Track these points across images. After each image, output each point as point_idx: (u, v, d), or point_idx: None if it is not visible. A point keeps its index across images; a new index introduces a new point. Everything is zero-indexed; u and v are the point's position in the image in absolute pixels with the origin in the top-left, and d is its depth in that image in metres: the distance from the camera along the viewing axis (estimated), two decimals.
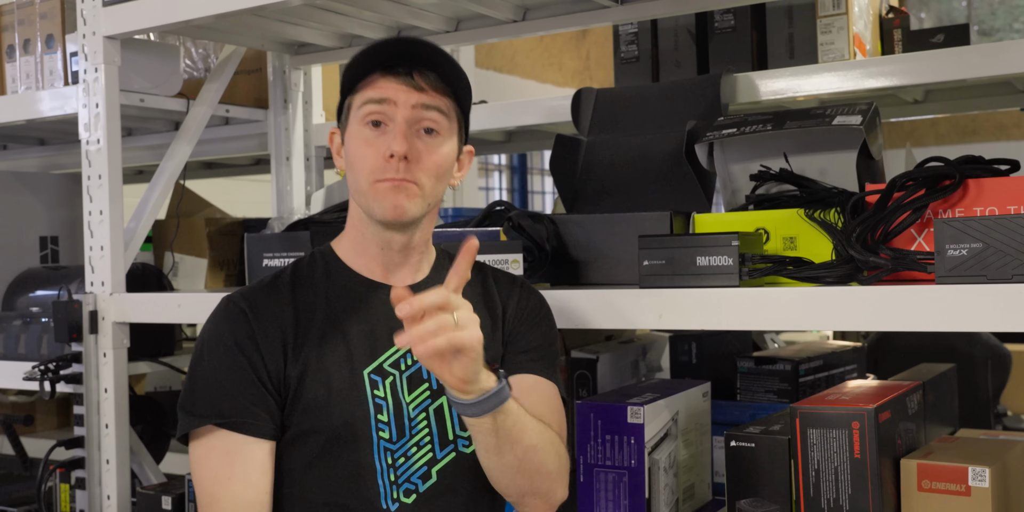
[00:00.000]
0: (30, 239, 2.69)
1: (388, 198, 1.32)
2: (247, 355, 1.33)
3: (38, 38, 2.39)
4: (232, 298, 1.38)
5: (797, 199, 1.66)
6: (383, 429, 1.35)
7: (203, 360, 1.35)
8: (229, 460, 1.30)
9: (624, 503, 1.58)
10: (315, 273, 1.42)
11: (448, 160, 1.37)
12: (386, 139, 1.32)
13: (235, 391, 1.31)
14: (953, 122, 9.07)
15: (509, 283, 1.53)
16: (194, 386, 1.34)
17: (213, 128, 2.77)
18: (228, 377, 1.32)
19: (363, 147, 1.33)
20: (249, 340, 1.33)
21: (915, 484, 1.36)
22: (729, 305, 1.44)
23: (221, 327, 1.36)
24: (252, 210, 3.24)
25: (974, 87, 2.30)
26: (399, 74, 1.32)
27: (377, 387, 1.36)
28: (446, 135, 1.36)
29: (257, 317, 1.35)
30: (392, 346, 1.38)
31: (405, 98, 1.32)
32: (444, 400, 1.39)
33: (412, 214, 1.34)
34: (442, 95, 1.34)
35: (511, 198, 8.76)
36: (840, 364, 2.09)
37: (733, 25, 2.19)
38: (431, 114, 1.33)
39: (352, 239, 1.42)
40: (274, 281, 1.41)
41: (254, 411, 1.31)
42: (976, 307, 1.25)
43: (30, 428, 2.97)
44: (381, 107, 1.32)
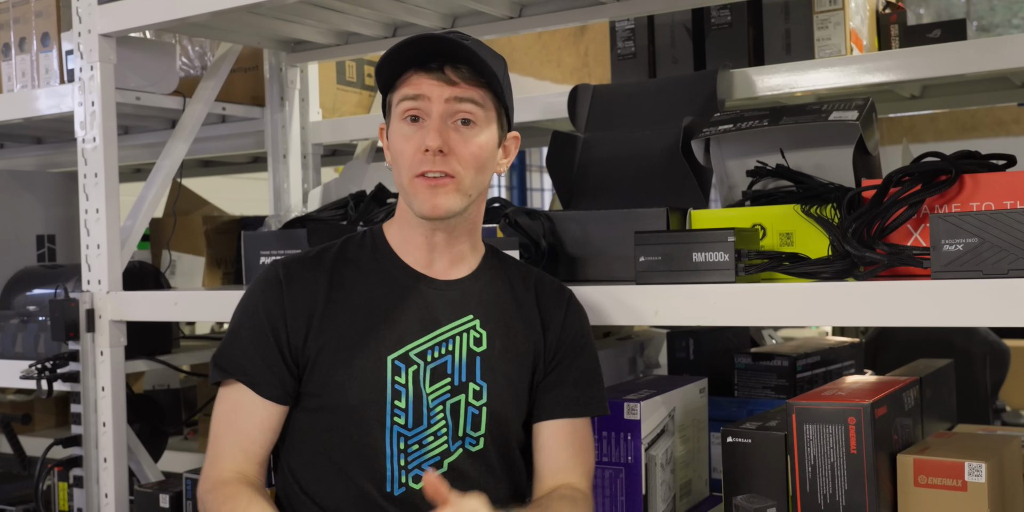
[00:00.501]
0: (27, 238, 2.69)
1: (427, 197, 1.36)
2: (272, 323, 1.40)
3: (34, 36, 2.38)
4: (276, 263, 1.46)
5: (794, 195, 1.66)
6: (399, 415, 1.38)
7: (237, 319, 1.44)
8: (236, 409, 1.41)
9: (621, 499, 1.58)
10: (362, 253, 1.46)
11: (486, 150, 1.39)
12: (422, 134, 1.36)
13: (254, 353, 1.40)
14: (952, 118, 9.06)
15: (555, 295, 1.52)
16: (227, 342, 1.44)
17: (210, 126, 2.77)
18: (251, 339, 1.40)
19: (402, 142, 1.38)
20: (277, 308, 1.40)
21: (911, 479, 1.36)
22: (725, 301, 1.44)
23: (257, 291, 1.44)
24: (250, 208, 3.24)
25: (972, 82, 2.29)
26: (431, 70, 1.36)
27: (399, 373, 1.38)
28: (483, 125, 1.39)
29: (290, 287, 1.41)
30: (422, 336, 1.41)
31: (439, 92, 1.36)
32: (462, 398, 1.41)
33: (451, 210, 1.37)
34: (476, 86, 1.37)
35: (510, 196, 8.75)
36: (838, 360, 2.09)
37: (729, 21, 2.18)
38: (465, 106, 1.37)
39: (400, 226, 1.46)
40: (320, 254, 1.46)
41: (266, 374, 1.39)
42: (972, 302, 1.25)
43: (28, 427, 2.97)
44: (417, 103, 1.36)
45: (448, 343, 1.42)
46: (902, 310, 1.30)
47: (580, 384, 1.48)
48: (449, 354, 1.41)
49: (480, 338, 1.44)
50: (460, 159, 1.36)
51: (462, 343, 1.42)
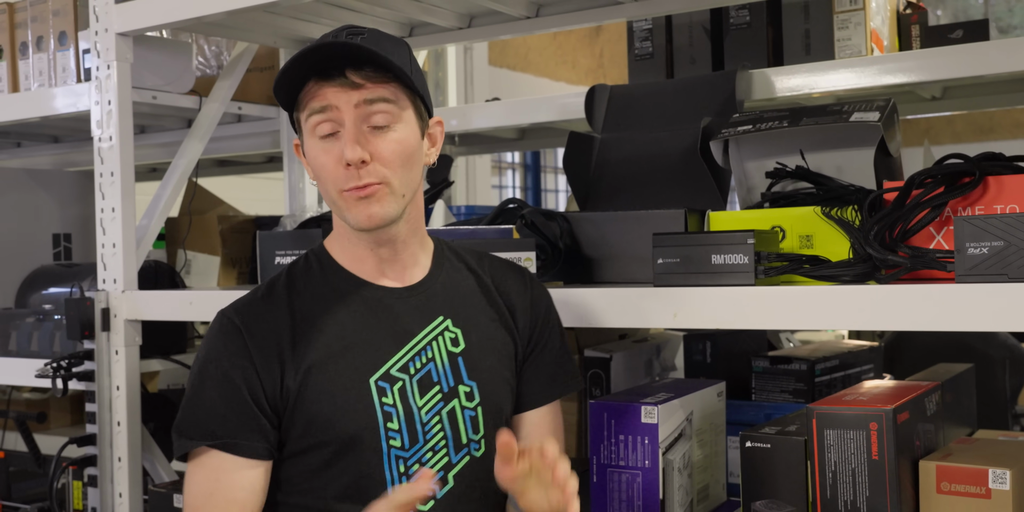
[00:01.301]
0: (43, 236, 2.69)
1: (360, 209, 1.29)
2: (242, 374, 1.29)
3: (51, 35, 2.39)
4: (226, 313, 1.35)
5: (814, 197, 1.64)
6: (394, 437, 1.32)
7: (197, 380, 1.32)
8: (215, 477, 1.29)
9: (637, 504, 1.56)
10: (311, 277, 1.38)
11: (409, 146, 1.32)
12: (340, 145, 1.28)
13: (227, 412, 1.28)
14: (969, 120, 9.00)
15: (515, 276, 1.49)
16: (188, 407, 1.32)
17: (226, 125, 2.77)
18: (220, 398, 1.29)
19: (321, 157, 1.30)
20: (244, 358, 1.30)
21: (934, 486, 1.34)
22: (745, 304, 1.42)
23: (215, 345, 1.32)
24: (265, 208, 3.24)
25: (992, 84, 2.27)
26: (332, 77, 1.27)
27: (385, 394, 1.32)
28: (400, 121, 1.31)
29: (251, 332, 1.31)
30: (398, 350, 1.35)
31: (346, 99, 1.27)
32: (456, 403, 1.36)
33: (388, 216, 1.31)
34: (383, 83, 1.29)
35: (525, 196, 8.74)
36: (856, 364, 2.07)
37: (748, 21, 2.17)
38: (378, 107, 1.28)
39: (342, 242, 1.39)
40: (269, 290, 1.37)
41: (245, 433, 1.28)
42: (997, 306, 1.23)
43: (44, 425, 2.97)
44: (326, 116, 1.28)
45: (427, 350, 1.36)
46: (926, 314, 1.28)
47: (555, 364, 1.47)
48: (431, 361, 1.36)
49: (456, 337, 1.39)
50: (384, 162, 1.29)
51: (440, 347, 1.37)
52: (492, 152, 3.52)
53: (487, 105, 2.62)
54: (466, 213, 2.53)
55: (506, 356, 1.43)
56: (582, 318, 1.58)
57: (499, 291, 1.46)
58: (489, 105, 2.63)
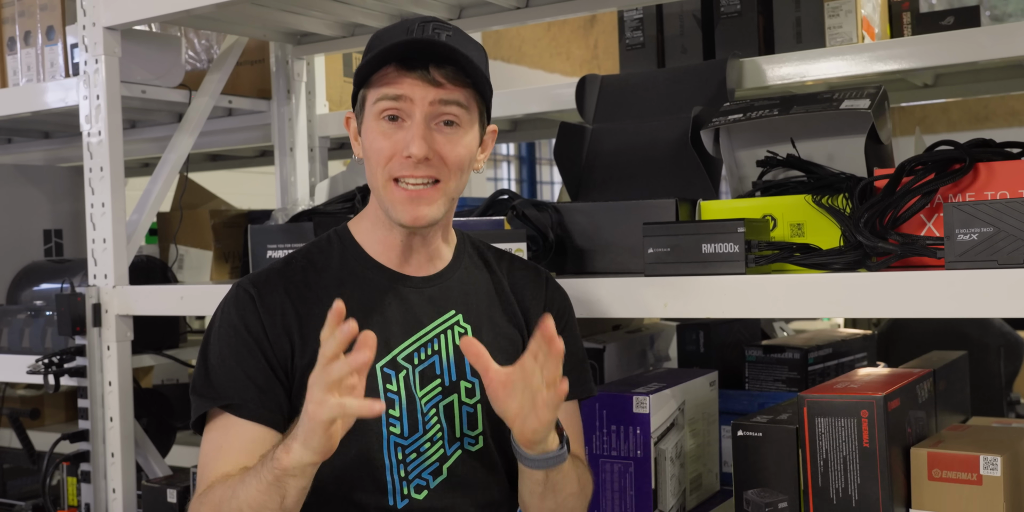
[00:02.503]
0: (34, 232, 2.68)
1: (409, 208, 1.30)
2: (256, 339, 1.31)
3: (39, 30, 2.37)
4: (242, 283, 1.36)
5: (805, 185, 1.64)
6: (394, 424, 1.32)
7: (213, 343, 1.33)
8: (225, 432, 1.29)
9: (630, 493, 1.56)
10: (331, 258, 1.38)
11: (470, 151, 1.33)
12: (404, 135, 1.28)
13: (242, 375, 1.29)
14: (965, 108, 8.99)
15: (532, 279, 1.48)
16: (205, 369, 1.32)
17: (216, 120, 2.76)
18: (236, 360, 1.30)
19: (380, 140, 1.30)
20: (257, 325, 1.31)
21: (925, 473, 1.34)
22: (735, 292, 1.42)
23: (229, 311, 1.33)
24: (258, 202, 3.23)
25: (985, 71, 2.26)
26: (415, 69, 1.27)
27: (390, 381, 1.32)
28: (467, 127, 1.32)
29: (264, 304, 1.32)
30: (405, 339, 1.35)
31: (422, 94, 1.28)
32: (455, 398, 1.36)
33: (434, 219, 1.32)
34: (461, 87, 1.30)
35: (520, 188, 8.72)
36: (850, 352, 2.07)
37: (739, 10, 2.16)
38: (451, 109, 1.29)
39: (372, 223, 1.39)
40: (286, 266, 1.37)
41: (262, 398, 1.29)
42: (987, 292, 1.22)
43: (38, 421, 2.97)
44: (397, 103, 1.28)
45: (434, 342, 1.36)
46: (915, 301, 1.28)
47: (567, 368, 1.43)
48: (436, 354, 1.36)
49: (465, 333, 1.38)
50: (446, 163, 1.30)
51: (448, 341, 1.37)
52: None
53: None
54: (459, 205, 2.52)
55: (514, 357, 1.40)
56: (573, 308, 1.57)
57: (514, 291, 1.46)
58: None
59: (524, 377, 1.20)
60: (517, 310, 1.45)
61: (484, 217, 1.87)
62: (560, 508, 1.35)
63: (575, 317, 1.51)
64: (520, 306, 1.45)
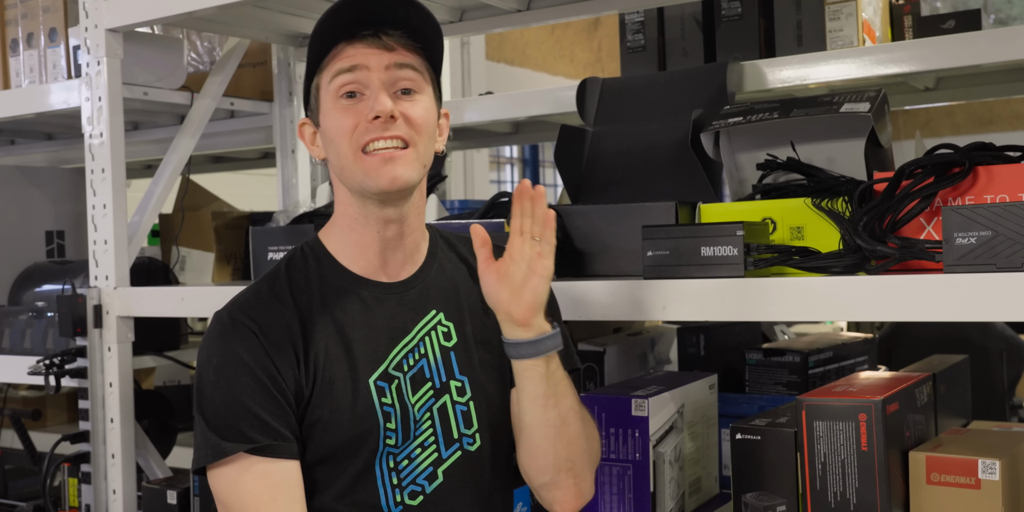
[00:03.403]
0: (36, 234, 2.69)
1: (384, 170, 1.25)
2: (269, 376, 1.26)
3: (41, 32, 2.38)
4: (235, 316, 1.29)
5: (805, 188, 1.64)
6: (390, 436, 1.30)
7: (220, 383, 1.26)
8: (270, 481, 1.24)
9: (628, 497, 1.56)
10: (308, 273, 1.35)
11: (433, 118, 1.30)
12: (367, 103, 1.25)
13: (264, 415, 1.24)
14: (969, 111, 8.97)
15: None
16: (217, 413, 1.26)
17: (218, 121, 2.76)
18: (253, 401, 1.25)
19: (341, 117, 1.26)
20: (266, 359, 1.26)
21: (924, 477, 1.33)
22: (733, 296, 1.41)
23: (233, 348, 1.27)
24: (260, 204, 3.23)
25: (986, 74, 2.26)
26: (365, 37, 1.25)
27: (384, 394, 1.31)
28: (424, 92, 1.29)
29: (267, 335, 1.27)
30: (392, 348, 1.33)
31: (377, 60, 1.25)
32: (447, 398, 1.35)
33: (410, 181, 1.27)
34: (413, 52, 1.27)
35: None
36: (850, 356, 2.06)
37: (740, 13, 2.16)
38: (406, 73, 1.26)
39: (344, 228, 1.35)
40: (272, 288, 1.33)
41: (283, 433, 1.25)
42: (985, 296, 1.22)
43: (40, 422, 2.98)
44: (354, 75, 1.25)
45: (420, 346, 1.35)
46: (913, 305, 1.27)
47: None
48: (423, 357, 1.34)
49: (448, 331, 1.37)
50: (412, 124, 1.26)
51: (433, 342, 1.36)
52: (486, 146, 3.51)
53: (480, 99, 2.61)
54: (460, 208, 2.53)
55: (499, 347, 1.39)
56: (571, 311, 1.58)
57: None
58: (482, 99, 2.62)
59: (516, 259, 1.21)
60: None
61: (484, 220, 1.87)
62: (565, 427, 1.30)
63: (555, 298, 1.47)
64: None
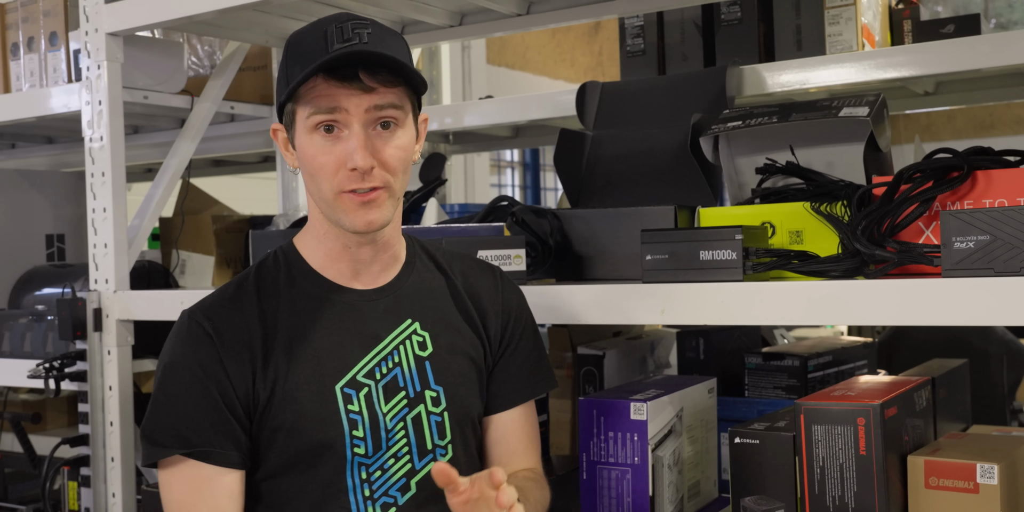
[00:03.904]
0: (36, 237, 2.69)
1: (360, 215, 1.26)
2: (215, 381, 1.26)
3: (42, 36, 2.38)
4: (194, 316, 1.29)
5: (804, 192, 1.64)
6: (358, 445, 1.29)
7: (167, 385, 1.28)
8: (196, 487, 1.25)
9: (627, 501, 1.56)
10: (279, 278, 1.34)
11: (409, 151, 1.30)
12: (344, 147, 1.24)
13: (201, 419, 1.25)
14: (970, 116, 8.98)
15: (485, 276, 1.46)
16: (158, 413, 1.27)
17: (219, 125, 2.77)
18: (194, 405, 1.25)
19: (320, 156, 1.25)
20: (216, 364, 1.26)
21: (922, 481, 1.33)
22: (732, 300, 1.42)
23: (185, 351, 1.28)
24: (260, 207, 3.24)
25: (986, 78, 2.26)
26: (345, 78, 1.22)
27: (351, 401, 1.29)
28: (403, 124, 1.28)
29: (222, 339, 1.27)
30: (365, 355, 1.32)
31: (357, 103, 1.23)
32: (422, 408, 1.34)
33: (384, 222, 1.28)
34: (393, 87, 1.26)
35: (524, 195, 8.73)
36: (850, 360, 2.06)
37: (740, 17, 2.16)
38: (386, 112, 1.26)
39: (317, 238, 1.34)
40: (238, 291, 1.32)
41: (221, 440, 1.25)
42: (982, 301, 1.22)
43: (40, 426, 2.97)
44: (333, 116, 1.24)
45: (394, 355, 1.33)
46: (911, 309, 1.27)
47: (529, 364, 1.45)
48: (397, 366, 1.33)
49: (424, 341, 1.36)
50: (388, 168, 1.26)
51: (407, 351, 1.35)
52: (486, 150, 3.52)
53: (480, 103, 2.62)
54: (459, 211, 2.53)
55: (475, 359, 1.41)
56: (569, 315, 1.58)
57: (469, 293, 1.43)
58: (482, 103, 2.63)
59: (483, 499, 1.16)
60: (474, 311, 1.42)
61: (484, 223, 1.87)
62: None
63: (529, 309, 1.49)
64: (476, 306, 1.43)
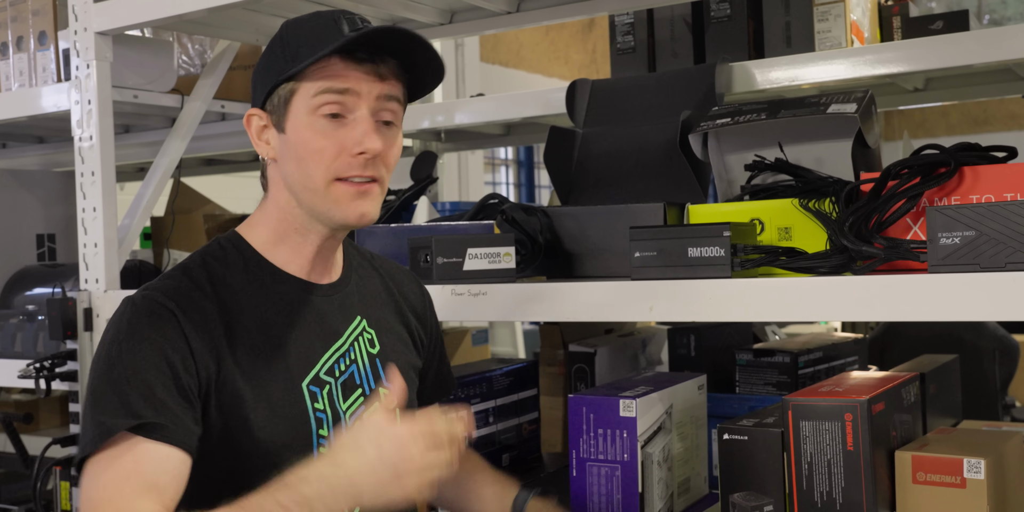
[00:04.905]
0: (27, 237, 2.69)
1: (355, 206, 1.22)
2: (181, 357, 1.16)
3: (31, 35, 2.38)
4: (152, 298, 1.19)
5: (792, 189, 1.64)
6: (323, 444, 1.26)
7: (119, 359, 1.15)
8: (135, 459, 1.11)
9: (617, 497, 1.56)
10: (232, 268, 1.26)
11: (400, 152, 1.28)
12: (349, 133, 1.21)
13: (163, 395, 1.14)
14: (964, 112, 8.99)
15: (407, 279, 1.50)
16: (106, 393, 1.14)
17: (209, 124, 2.76)
18: (155, 381, 1.14)
19: (319, 139, 1.20)
20: (181, 341, 1.17)
21: (910, 476, 1.34)
22: (720, 296, 1.42)
23: (143, 326, 1.17)
24: (251, 206, 3.21)
25: (975, 74, 2.26)
26: (362, 61, 1.20)
27: (317, 399, 1.26)
28: (399, 125, 1.27)
29: (187, 317, 1.18)
30: (325, 352, 1.29)
31: (369, 89, 1.21)
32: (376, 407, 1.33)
33: (375, 217, 1.25)
34: (399, 82, 1.25)
35: (517, 192, 8.72)
36: (840, 356, 2.07)
37: (729, 14, 2.16)
38: (391, 105, 1.24)
39: (277, 231, 1.28)
40: (189, 277, 1.24)
41: (176, 416, 1.14)
42: (969, 296, 1.23)
43: (32, 426, 2.97)
44: (342, 98, 1.20)
45: (350, 352, 1.32)
46: (898, 304, 1.28)
47: (444, 364, 1.52)
48: (353, 363, 1.32)
49: (372, 339, 1.36)
50: (387, 163, 1.24)
51: (360, 348, 1.34)
52: (479, 148, 3.51)
53: (471, 101, 2.61)
54: (450, 209, 2.52)
55: (411, 358, 1.44)
56: (559, 313, 1.58)
57: (400, 293, 1.46)
58: (474, 100, 2.62)
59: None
60: (407, 311, 1.46)
61: (474, 221, 1.87)
62: None
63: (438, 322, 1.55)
64: (408, 307, 1.46)
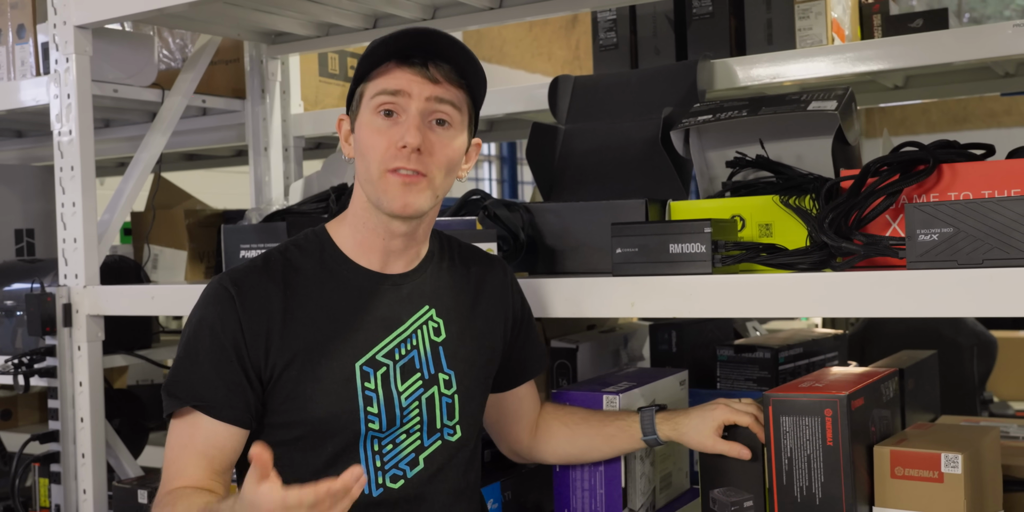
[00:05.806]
0: (6, 232, 2.67)
1: (399, 194, 1.32)
2: (232, 341, 1.32)
3: (9, 28, 2.36)
4: (222, 281, 1.37)
5: (773, 185, 1.65)
6: (373, 420, 1.36)
7: (189, 342, 1.35)
8: (191, 432, 1.33)
9: (600, 492, 1.57)
10: (309, 257, 1.40)
11: (458, 153, 1.37)
12: (399, 130, 1.32)
13: (214, 376, 1.32)
14: (944, 109, 9.05)
15: (494, 267, 1.54)
16: (180, 368, 1.35)
17: (191, 119, 2.75)
18: (211, 363, 1.32)
19: (374, 136, 1.33)
20: (234, 325, 1.33)
21: (888, 471, 1.35)
22: (701, 292, 1.42)
23: (208, 310, 1.35)
24: (234, 202, 3.22)
25: (955, 72, 2.28)
26: (414, 64, 1.32)
27: (368, 379, 1.36)
28: (457, 128, 1.36)
29: (244, 302, 1.33)
30: (387, 336, 1.38)
31: (419, 90, 1.32)
32: (435, 390, 1.41)
33: (421, 209, 1.34)
34: (456, 88, 1.34)
35: (500, 188, 8.73)
36: (820, 352, 2.08)
37: (711, 11, 2.17)
38: (444, 107, 1.33)
39: (353, 226, 1.41)
40: (266, 264, 1.39)
41: (230, 398, 1.32)
42: (946, 292, 1.24)
43: (11, 422, 2.95)
44: (395, 98, 1.32)
45: (412, 338, 1.41)
46: (876, 301, 1.29)
47: (534, 343, 1.58)
48: (415, 349, 1.41)
49: (439, 327, 1.43)
50: (435, 160, 1.33)
51: (424, 335, 1.42)
52: None
53: None
54: None
55: (485, 348, 1.48)
56: (541, 309, 1.58)
57: (483, 281, 1.51)
58: None
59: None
60: (490, 300, 1.50)
61: (456, 217, 1.87)
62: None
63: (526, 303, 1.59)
64: (492, 295, 1.51)
